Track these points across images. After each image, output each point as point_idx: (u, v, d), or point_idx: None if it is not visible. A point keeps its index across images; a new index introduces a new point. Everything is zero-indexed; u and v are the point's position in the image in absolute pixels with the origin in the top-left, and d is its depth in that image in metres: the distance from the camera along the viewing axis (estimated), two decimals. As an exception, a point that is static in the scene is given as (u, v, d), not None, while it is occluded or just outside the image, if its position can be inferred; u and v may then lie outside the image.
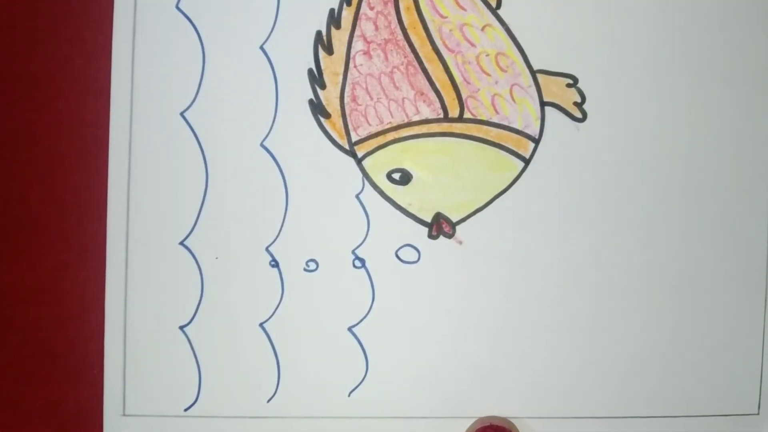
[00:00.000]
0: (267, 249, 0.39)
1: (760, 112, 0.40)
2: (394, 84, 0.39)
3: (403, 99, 0.39)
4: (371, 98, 0.39)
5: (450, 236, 0.39)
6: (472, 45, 0.39)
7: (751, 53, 0.40)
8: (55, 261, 0.40)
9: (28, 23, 0.40)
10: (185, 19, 0.39)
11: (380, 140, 0.39)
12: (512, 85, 0.39)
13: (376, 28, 0.39)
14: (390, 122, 0.39)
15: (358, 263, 0.39)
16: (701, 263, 0.40)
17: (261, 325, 0.39)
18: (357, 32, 0.39)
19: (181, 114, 0.39)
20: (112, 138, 0.39)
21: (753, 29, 0.40)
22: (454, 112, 0.39)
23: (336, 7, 0.39)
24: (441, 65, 0.39)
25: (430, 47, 0.39)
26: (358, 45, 0.39)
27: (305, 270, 0.39)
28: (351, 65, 0.39)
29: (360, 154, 0.39)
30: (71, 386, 0.40)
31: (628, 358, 0.40)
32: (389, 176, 0.39)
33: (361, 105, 0.39)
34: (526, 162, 0.39)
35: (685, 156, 0.40)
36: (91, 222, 0.39)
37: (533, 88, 0.39)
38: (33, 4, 0.40)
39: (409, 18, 0.39)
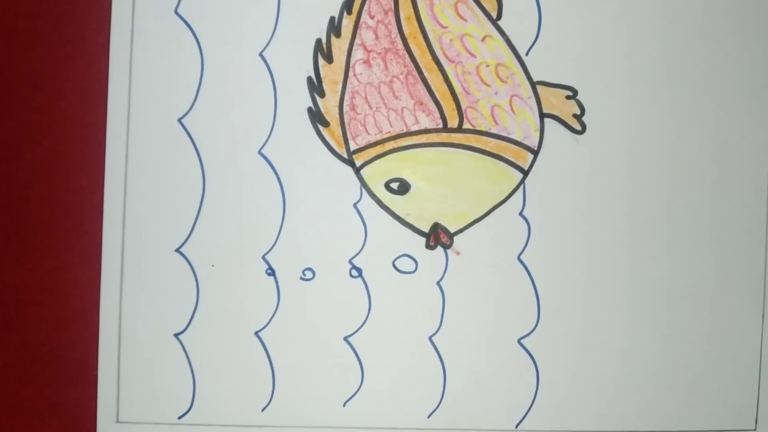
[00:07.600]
0: (263, 257, 0.39)
1: (758, 124, 0.40)
2: (394, 93, 0.39)
3: (403, 108, 0.39)
4: (370, 107, 0.39)
5: (447, 246, 0.39)
6: (472, 55, 0.39)
7: (749, 65, 0.40)
8: (50, 267, 0.39)
9: (23, 26, 0.39)
10: (184, 24, 0.39)
11: (379, 149, 0.39)
12: (512, 96, 0.39)
13: (377, 37, 0.39)
14: (389, 132, 0.39)
15: (354, 272, 0.39)
16: (698, 276, 0.40)
17: (256, 333, 0.39)
18: (357, 41, 0.39)
19: (179, 120, 0.39)
20: (108, 143, 0.39)
21: (751, 43, 0.40)
22: (453, 123, 0.39)
23: (336, 15, 0.39)
24: (441, 75, 0.39)
25: (430, 57, 0.39)
26: (358, 54, 0.39)
27: (302, 279, 0.39)
28: (350, 74, 0.39)
29: (358, 163, 0.39)
30: (65, 393, 0.39)
31: (624, 371, 0.40)
32: (387, 186, 0.39)
33: (360, 114, 0.39)
34: (525, 173, 0.39)
35: (684, 169, 0.40)
36: (87, 228, 0.39)
37: (533, 99, 0.39)
38: (30, 6, 0.39)
39: (410, 28, 0.39)
